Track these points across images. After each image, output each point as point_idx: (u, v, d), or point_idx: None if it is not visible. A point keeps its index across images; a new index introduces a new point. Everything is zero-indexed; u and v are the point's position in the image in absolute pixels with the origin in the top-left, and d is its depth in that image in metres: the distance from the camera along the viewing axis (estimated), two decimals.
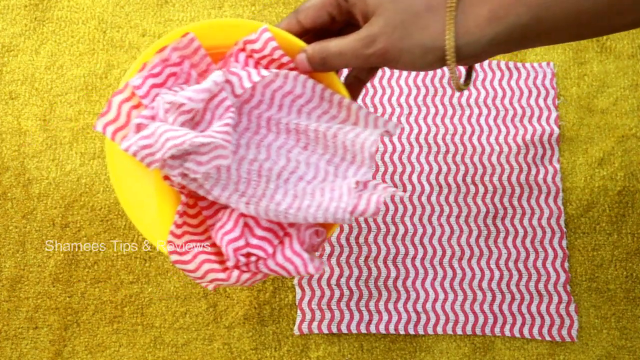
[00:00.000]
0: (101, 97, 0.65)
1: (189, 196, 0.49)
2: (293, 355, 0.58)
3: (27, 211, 0.62)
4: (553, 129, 0.64)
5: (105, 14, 0.68)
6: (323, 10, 0.47)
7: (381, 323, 0.58)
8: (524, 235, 0.61)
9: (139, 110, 0.48)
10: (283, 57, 0.48)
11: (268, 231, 0.47)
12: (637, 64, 0.67)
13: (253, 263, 0.46)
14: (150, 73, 0.48)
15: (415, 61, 0.43)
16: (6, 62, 0.66)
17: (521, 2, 0.40)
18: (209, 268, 0.46)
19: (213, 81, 0.46)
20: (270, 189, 0.48)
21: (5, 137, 0.64)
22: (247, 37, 0.48)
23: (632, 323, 0.59)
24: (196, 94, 0.46)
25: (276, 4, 0.69)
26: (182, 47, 0.48)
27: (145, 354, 0.58)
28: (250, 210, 0.46)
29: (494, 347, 0.58)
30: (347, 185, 0.46)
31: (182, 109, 0.46)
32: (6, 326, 0.59)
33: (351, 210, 0.44)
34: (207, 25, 0.49)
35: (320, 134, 0.48)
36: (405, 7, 0.42)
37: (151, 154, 0.45)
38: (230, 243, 0.46)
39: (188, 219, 0.49)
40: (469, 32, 0.41)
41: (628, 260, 0.60)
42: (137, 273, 0.60)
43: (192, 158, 0.45)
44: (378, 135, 0.46)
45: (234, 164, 0.48)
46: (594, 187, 0.63)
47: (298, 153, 0.50)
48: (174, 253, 0.47)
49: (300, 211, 0.45)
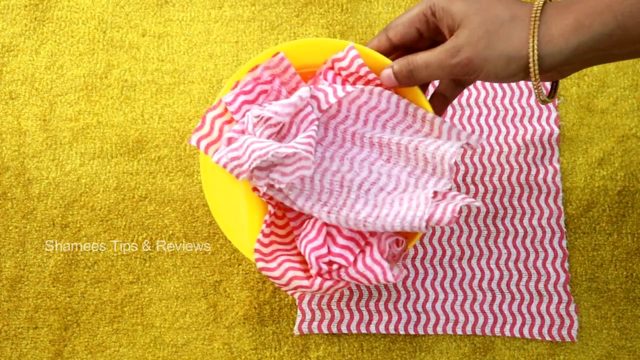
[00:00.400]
0: (101, 97, 0.65)
1: (276, 207, 0.51)
2: (293, 355, 0.58)
3: (27, 211, 0.62)
4: (553, 129, 0.64)
5: (105, 14, 0.68)
6: (412, 26, 0.48)
7: (381, 323, 0.58)
8: (524, 235, 0.61)
9: (230, 125, 0.51)
10: (369, 74, 0.50)
11: (350, 240, 0.49)
12: (637, 64, 0.67)
13: (335, 271, 0.48)
14: (242, 90, 0.50)
15: (499, 71, 0.44)
16: (6, 62, 0.66)
17: (607, 11, 0.40)
18: (293, 275, 0.48)
19: (299, 96, 0.49)
20: (351, 199, 0.50)
21: (5, 137, 0.64)
22: (335, 55, 0.51)
23: (632, 323, 0.59)
24: (282, 108, 0.48)
25: (276, 4, 0.69)
26: (272, 66, 0.51)
27: (145, 354, 0.58)
28: (332, 219, 0.48)
29: (494, 347, 0.58)
30: (424, 195, 0.48)
31: (269, 122, 0.48)
32: (6, 326, 0.59)
33: (427, 218, 0.46)
34: (295, 45, 0.52)
35: (403, 146, 0.50)
36: (490, 18, 0.43)
37: (239, 165, 0.47)
38: (313, 251, 0.48)
39: (276, 229, 0.51)
40: (552, 42, 0.42)
41: (628, 260, 0.60)
42: (137, 273, 0.60)
43: (278, 169, 0.48)
44: (458, 147, 0.48)
45: (317, 175, 0.51)
46: (594, 187, 0.63)
47: (380, 165, 0.52)
48: (260, 260, 0.49)
49: (379, 220, 0.47)
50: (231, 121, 0.51)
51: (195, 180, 0.63)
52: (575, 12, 0.42)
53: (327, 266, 0.48)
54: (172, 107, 0.65)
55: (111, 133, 0.64)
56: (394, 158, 0.51)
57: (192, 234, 0.61)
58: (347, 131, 0.52)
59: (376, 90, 0.50)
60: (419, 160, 0.50)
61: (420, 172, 0.50)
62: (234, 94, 0.50)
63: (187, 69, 0.66)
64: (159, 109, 0.65)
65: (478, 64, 0.44)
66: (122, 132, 0.64)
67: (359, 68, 0.50)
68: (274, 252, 0.50)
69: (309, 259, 0.48)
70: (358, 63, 0.50)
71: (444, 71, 0.45)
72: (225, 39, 0.67)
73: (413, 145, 0.49)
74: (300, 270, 0.49)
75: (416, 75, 0.47)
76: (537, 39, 0.42)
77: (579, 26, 0.41)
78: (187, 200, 0.62)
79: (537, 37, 0.42)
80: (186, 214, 0.62)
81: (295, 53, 0.52)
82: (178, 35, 0.67)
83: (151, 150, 0.64)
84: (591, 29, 0.41)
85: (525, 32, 0.42)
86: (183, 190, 0.62)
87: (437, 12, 0.46)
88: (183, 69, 0.66)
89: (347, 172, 0.51)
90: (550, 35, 0.42)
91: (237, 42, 0.67)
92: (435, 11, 0.46)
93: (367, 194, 0.50)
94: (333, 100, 0.50)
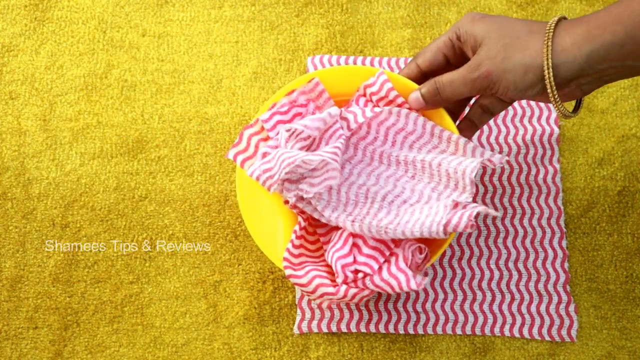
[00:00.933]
0: (101, 97, 0.65)
1: (307, 221, 0.54)
2: (293, 355, 0.58)
3: (27, 211, 0.62)
4: (553, 129, 0.64)
5: (105, 14, 0.68)
6: (439, 53, 0.51)
7: (381, 322, 0.58)
8: (524, 235, 0.61)
9: (266, 142, 0.54)
10: (397, 97, 0.54)
11: (375, 250, 0.51)
12: None
13: (360, 280, 0.51)
14: (278, 111, 0.54)
15: (517, 81, 0.46)
16: (6, 62, 0.66)
17: (616, 21, 0.43)
18: (320, 283, 0.51)
19: (328, 112, 0.53)
20: (375, 208, 0.53)
21: (5, 137, 0.64)
22: (367, 81, 0.55)
23: (632, 323, 0.59)
24: (312, 122, 0.52)
25: (276, 4, 0.69)
26: (308, 90, 0.55)
27: (145, 354, 0.58)
28: (355, 228, 0.51)
29: (494, 347, 0.58)
30: (444, 204, 0.50)
31: (300, 136, 0.52)
32: (6, 326, 0.59)
33: (445, 223, 0.48)
34: (329, 71, 0.56)
35: (427, 163, 0.53)
36: (508, 33, 0.46)
37: (271, 177, 0.51)
38: (339, 259, 0.51)
39: (306, 243, 0.54)
40: (566, 51, 0.44)
41: (628, 260, 0.60)
42: (137, 273, 0.60)
43: (307, 181, 0.51)
44: (479, 162, 0.50)
45: (344, 188, 0.55)
46: (594, 187, 0.63)
47: (405, 181, 0.55)
48: (288, 268, 0.52)
49: (399, 226, 0.50)
50: (267, 139, 0.54)
51: (195, 180, 0.63)
52: (587, 24, 0.44)
53: (353, 274, 0.51)
54: (172, 107, 0.65)
55: (111, 133, 0.64)
56: (418, 175, 0.54)
57: (192, 234, 0.61)
58: (376, 151, 0.56)
59: (403, 112, 0.54)
60: (442, 176, 0.52)
61: (443, 188, 0.53)
62: (270, 113, 0.54)
63: (187, 69, 0.66)
64: (159, 109, 0.65)
65: (497, 76, 0.46)
66: (122, 132, 0.64)
67: (388, 92, 0.54)
68: (303, 263, 0.53)
69: (335, 267, 0.50)
70: (387, 87, 0.54)
71: (467, 87, 0.48)
72: (225, 39, 0.67)
73: (436, 162, 0.52)
74: (327, 278, 0.51)
75: (442, 93, 0.50)
76: (551, 48, 0.44)
77: (590, 35, 0.43)
78: (187, 200, 0.62)
79: (551, 47, 0.44)
80: (186, 214, 0.62)
81: (330, 79, 0.56)
82: (178, 35, 0.67)
83: (151, 150, 0.64)
84: (601, 37, 0.43)
85: (540, 43, 0.45)
86: (183, 190, 0.62)
87: (461, 35, 0.49)
88: (183, 69, 0.66)
89: (373, 186, 0.54)
90: (564, 45, 0.44)
91: (237, 42, 0.67)
92: (460, 35, 0.49)
93: (390, 205, 0.53)
94: (361, 119, 0.54)
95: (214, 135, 0.64)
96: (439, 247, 0.52)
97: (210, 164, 0.63)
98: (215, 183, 0.63)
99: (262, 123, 0.54)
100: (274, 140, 0.53)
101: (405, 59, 0.66)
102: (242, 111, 0.65)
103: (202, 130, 0.64)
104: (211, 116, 0.65)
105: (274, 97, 0.55)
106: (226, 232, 0.61)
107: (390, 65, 0.66)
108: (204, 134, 0.64)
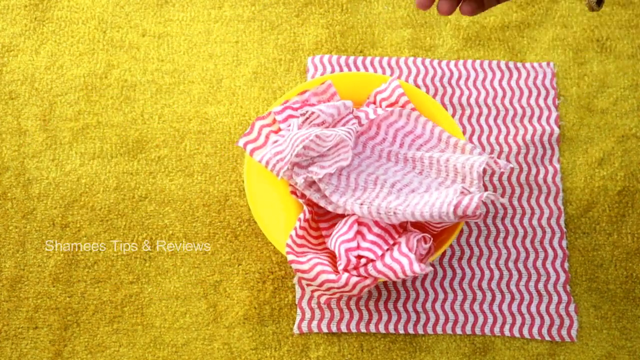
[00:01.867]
0: (101, 97, 0.65)
1: (311, 213, 0.55)
2: (293, 355, 0.58)
3: (27, 211, 0.62)
4: (553, 129, 0.64)
5: (105, 14, 0.68)
6: None
7: (381, 322, 0.58)
8: (524, 235, 0.61)
9: (277, 134, 0.56)
10: (408, 103, 0.56)
11: (378, 237, 0.52)
12: (637, 64, 0.67)
13: (362, 266, 0.52)
14: (291, 106, 0.56)
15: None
16: (6, 62, 0.66)
17: None
18: (321, 269, 0.51)
19: (343, 103, 0.55)
20: (384, 192, 0.54)
21: (5, 137, 0.64)
22: (378, 88, 0.57)
23: (632, 323, 0.59)
24: (327, 108, 0.54)
25: (276, 4, 0.69)
26: (320, 92, 0.57)
27: (145, 354, 0.58)
28: (364, 211, 0.52)
29: (494, 347, 0.58)
30: (454, 189, 0.52)
31: (314, 121, 0.53)
32: (6, 326, 0.59)
33: (456, 204, 0.49)
34: (342, 76, 0.58)
35: (434, 159, 0.55)
36: None
37: (281, 159, 0.52)
38: (343, 243, 0.52)
39: (308, 236, 0.55)
40: None
41: (628, 260, 0.60)
42: (137, 273, 0.60)
43: (317, 164, 0.53)
44: (486, 158, 0.52)
45: (353, 174, 0.56)
46: (594, 187, 0.63)
47: (413, 176, 0.56)
48: (291, 253, 0.53)
49: (409, 207, 0.51)
50: (278, 131, 0.56)
51: (195, 180, 0.63)
52: None
53: (356, 260, 0.51)
54: (172, 107, 0.65)
55: (111, 133, 0.64)
56: (426, 171, 0.55)
57: (192, 234, 0.61)
58: (384, 150, 0.57)
59: (413, 115, 0.56)
60: (449, 171, 0.54)
61: (450, 183, 0.54)
62: (283, 106, 0.56)
63: (187, 69, 0.66)
64: (159, 109, 0.65)
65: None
66: (122, 132, 0.64)
67: (399, 97, 0.56)
68: (305, 252, 0.53)
69: (338, 251, 0.51)
70: (398, 92, 0.56)
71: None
72: (225, 39, 0.67)
73: (444, 158, 0.54)
74: (328, 266, 0.52)
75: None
76: None
77: None
78: (187, 200, 0.62)
79: None
80: (186, 214, 0.62)
81: (342, 83, 0.58)
82: (178, 35, 0.67)
83: (151, 150, 0.64)
84: None
85: None
86: (183, 190, 0.62)
87: None
88: (183, 69, 0.66)
89: (382, 175, 0.55)
90: None
91: (237, 42, 0.67)
92: None
93: (399, 192, 0.54)
94: (373, 116, 0.55)
95: (214, 135, 0.64)
96: (443, 243, 0.52)
97: (210, 164, 0.63)
98: (215, 183, 0.63)
99: (274, 115, 0.55)
100: (285, 131, 0.54)
101: (405, 59, 0.66)
102: (242, 111, 0.65)
103: (202, 130, 0.64)
104: (211, 116, 0.65)
105: (286, 95, 0.57)
106: (226, 232, 0.61)
107: (391, 65, 0.66)
108: (204, 134, 0.64)
